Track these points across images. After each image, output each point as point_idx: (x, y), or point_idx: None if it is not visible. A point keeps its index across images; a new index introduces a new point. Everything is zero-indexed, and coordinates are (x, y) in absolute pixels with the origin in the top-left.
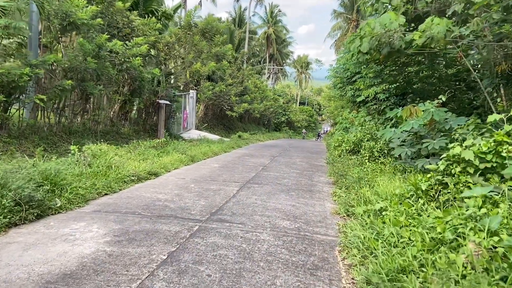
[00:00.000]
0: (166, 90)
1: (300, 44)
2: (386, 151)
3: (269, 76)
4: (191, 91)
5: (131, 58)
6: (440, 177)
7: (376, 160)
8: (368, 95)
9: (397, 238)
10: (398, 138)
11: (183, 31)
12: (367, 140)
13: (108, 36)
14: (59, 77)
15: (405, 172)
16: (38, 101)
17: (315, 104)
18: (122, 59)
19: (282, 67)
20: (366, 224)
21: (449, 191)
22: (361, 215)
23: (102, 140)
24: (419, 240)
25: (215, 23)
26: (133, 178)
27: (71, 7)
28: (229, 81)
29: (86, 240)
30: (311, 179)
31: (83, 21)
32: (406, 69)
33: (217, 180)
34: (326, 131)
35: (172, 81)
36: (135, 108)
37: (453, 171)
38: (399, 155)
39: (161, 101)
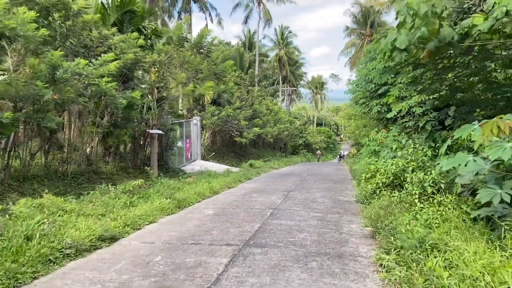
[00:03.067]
0: (162, 118)
1: (314, 66)
2: (442, 186)
3: (284, 98)
4: (194, 117)
5: (97, 79)
6: None
7: (431, 199)
8: (401, 109)
9: None
10: (471, 171)
11: (173, 48)
12: (412, 170)
13: (66, 54)
14: (4, 108)
15: (485, 222)
16: None
17: (333, 125)
18: (86, 82)
19: (296, 88)
20: None
21: None
22: None
23: (73, 185)
24: None
25: (210, 37)
26: (68, 251)
27: None
28: (237, 104)
29: None
30: (339, 229)
31: (17, 32)
32: (449, 74)
33: (201, 242)
34: (343, 155)
35: (167, 107)
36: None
37: None
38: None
39: (153, 131)
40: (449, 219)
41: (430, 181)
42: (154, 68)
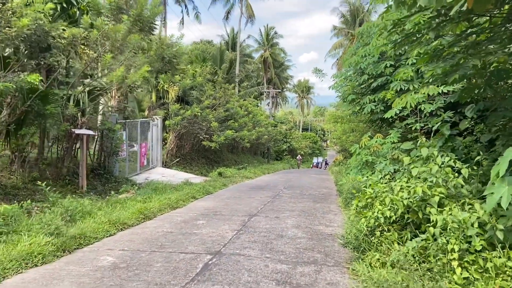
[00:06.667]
0: (102, 115)
1: (302, 72)
2: (499, 235)
3: (268, 102)
4: (154, 117)
5: None
6: None
7: (480, 261)
8: (404, 107)
9: None
10: None
11: (105, 21)
12: (439, 202)
13: None
14: None
15: None
16: None
17: (319, 130)
18: None
19: (280, 91)
20: None
21: None
22: None
23: None
24: None
25: (151, 7)
26: None
27: None
28: (206, 103)
29: None
30: None
31: None
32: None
33: None
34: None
35: (131, 103)
36: (49, 142)
37: None
38: None
39: (80, 131)
40: None
41: (475, 224)
42: (82, 48)
